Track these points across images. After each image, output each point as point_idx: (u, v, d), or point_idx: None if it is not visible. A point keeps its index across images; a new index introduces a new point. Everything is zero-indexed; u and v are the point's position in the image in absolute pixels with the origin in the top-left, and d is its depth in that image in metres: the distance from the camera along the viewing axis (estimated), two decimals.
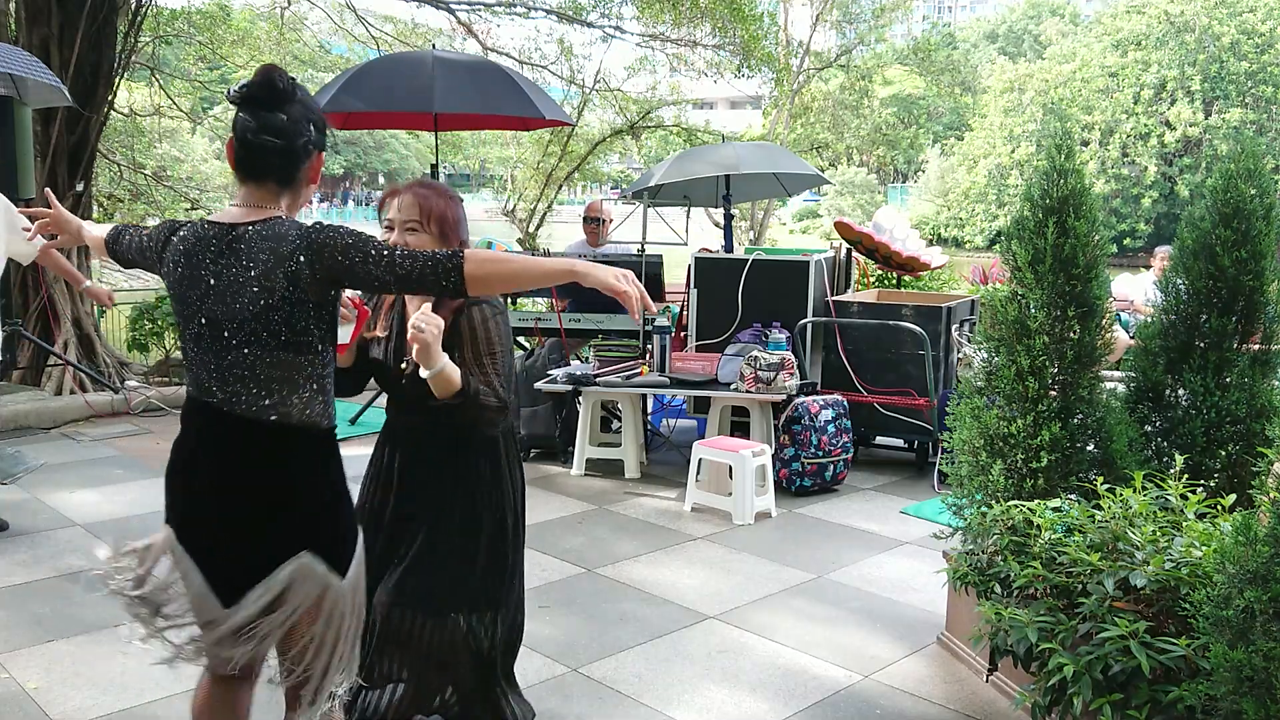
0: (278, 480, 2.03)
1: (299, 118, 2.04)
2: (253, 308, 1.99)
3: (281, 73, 2.03)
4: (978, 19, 65.48)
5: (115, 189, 14.55)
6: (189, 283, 2.04)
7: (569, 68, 15.36)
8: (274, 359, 2.01)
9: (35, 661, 3.38)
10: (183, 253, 2.06)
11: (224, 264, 2.01)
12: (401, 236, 2.56)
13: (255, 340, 2.00)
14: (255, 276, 1.99)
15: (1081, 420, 3.30)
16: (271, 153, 2.03)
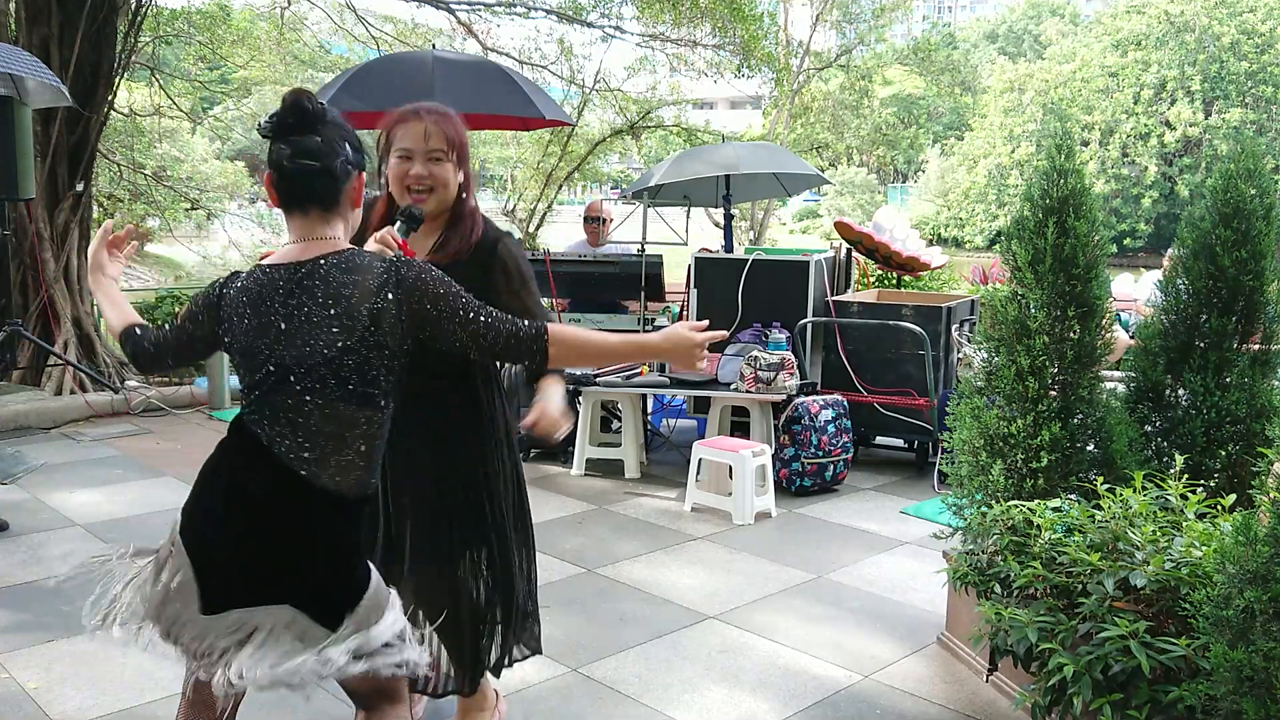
0: (290, 532, 1.94)
1: (333, 138, 1.97)
2: (328, 350, 1.89)
3: (310, 95, 1.98)
4: (978, 19, 65.48)
5: (115, 189, 14.55)
6: (257, 331, 1.92)
7: (569, 68, 15.36)
8: (332, 411, 1.91)
9: (35, 661, 3.38)
10: (247, 302, 1.94)
11: (295, 304, 1.91)
12: (426, 167, 2.45)
13: (321, 387, 1.90)
14: (335, 315, 1.89)
15: (1081, 420, 3.30)
16: (311, 176, 1.95)
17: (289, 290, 1.92)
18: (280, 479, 1.92)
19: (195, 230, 23.83)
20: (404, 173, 2.49)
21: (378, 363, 1.92)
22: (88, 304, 7.93)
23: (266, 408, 1.93)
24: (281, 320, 1.91)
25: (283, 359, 1.91)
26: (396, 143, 2.48)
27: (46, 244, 7.55)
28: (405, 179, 2.49)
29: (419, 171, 2.47)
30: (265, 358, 1.92)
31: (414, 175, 2.47)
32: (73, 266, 7.75)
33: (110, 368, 7.71)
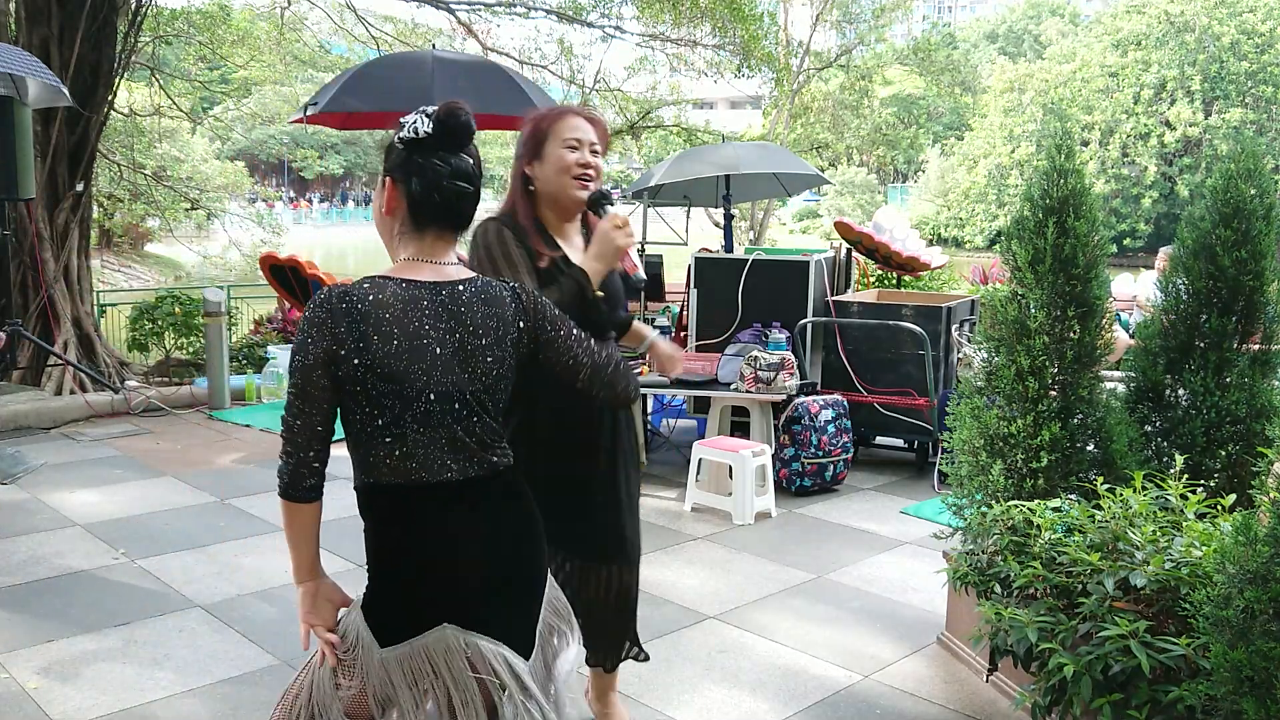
0: (517, 520, 1.94)
1: (478, 159, 1.90)
2: (485, 378, 1.85)
3: (467, 109, 1.86)
4: (978, 19, 65.49)
5: (115, 189, 14.57)
6: (411, 355, 1.77)
7: (569, 68, 15.37)
8: (484, 430, 1.87)
9: (35, 661, 3.38)
10: (392, 320, 1.77)
11: (445, 329, 1.82)
12: (591, 158, 2.56)
13: (484, 410, 1.86)
14: (488, 345, 1.85)
15: (1081, 420, 3.30)
16: (464, 198, 1.86)
17: (435, 313, 1.81)
18: (497, 482, 1.88)
19: (195, 230, 23.86)
20: (574, 160, 2.55)
21: (511, 385, 1.93)
22: (88, 304, 7.93)
23: (425, 440, 1.80)
24: (436, 345, 1.80)
25: (443, 385, 1.80)
26: (561, 133, 2.54)
27: (46, 244, 7.55)
28: (574, 166, 2.55)
29: (590, 160, 2.56)
30: (423, 385, 1.78)
31: (587, 162, 2.56)
32: (73, 266, 7.75)
33: (110, 368, 7.72)
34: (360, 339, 1.74)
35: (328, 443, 1.83)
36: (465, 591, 1.84)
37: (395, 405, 1.77)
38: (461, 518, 1.84)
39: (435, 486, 1.81)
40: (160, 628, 3.67)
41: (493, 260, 2.49)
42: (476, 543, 1.85)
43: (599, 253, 2.49)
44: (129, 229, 20.43)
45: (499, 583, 1.88)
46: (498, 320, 1.87)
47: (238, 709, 3.08)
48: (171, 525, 4.82)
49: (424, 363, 1.78)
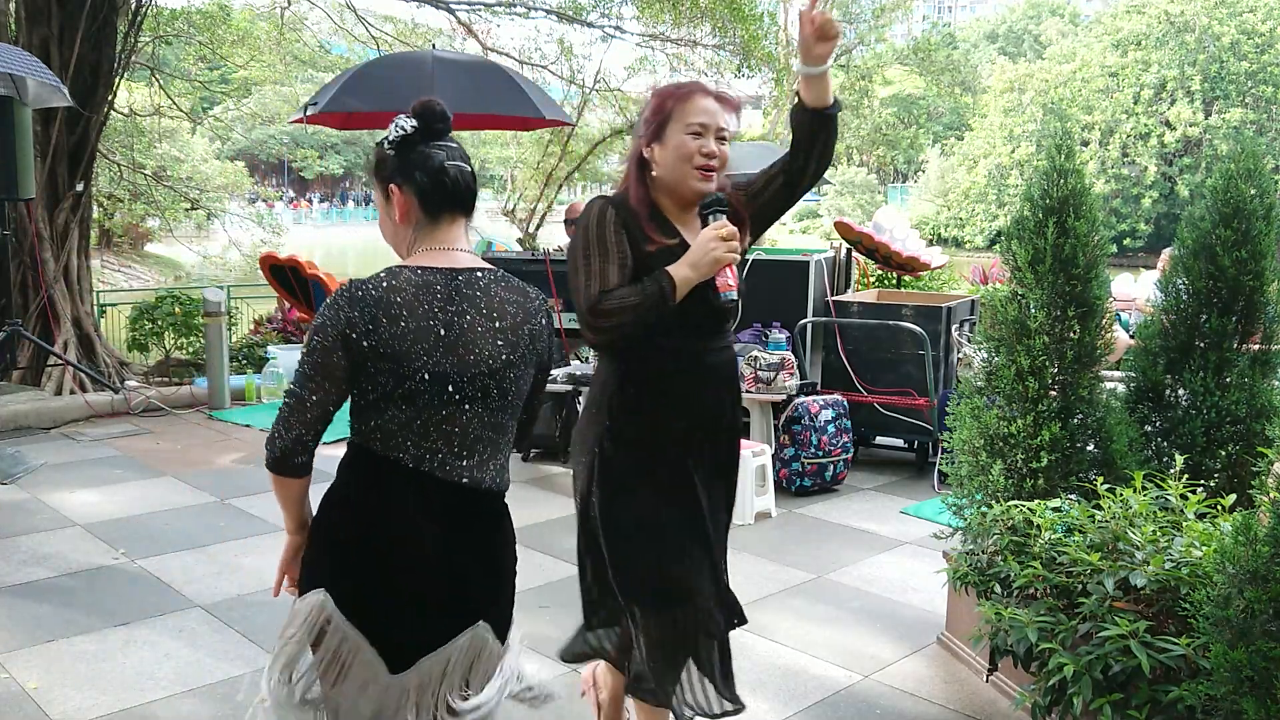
0: (466, 546, 1.90)
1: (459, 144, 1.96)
2: (493, 361, 1.85)
3: (439, 102, 1.91)
4: (978, 19, 65.51)
5: (115, 189, 14.57)
6: (415, 335, 1.79)
7: (569, 68, 15.37)
8: (491, 419, 1.88)
9: (35, 661, 3.38)
10: (402, 304, 1.79)
11: (454, 312, 1.83)
12: (717, 146, 2.30)
13: (483, 397, 1.85)
14: (500, 329, 1.86)
15: (1081, 420, 3.30)
16: (470, 179, 1.91)
17: (447, 296, 1.83)
18: (446, 498, 1.85)
19: (195, 230, 23.86)
20: (697, 149, 2.29)
21: (527, 378, 1.94)
22: (88, 304, 7.93)
23: (420, 425, 1.81)
24: (441, 327, 1.81)
25: (440, 366, 1.81)
26: (685, 116, 2.28)
27: (46, 244, 7.55)
28: (696, 155, 2.29)
29: (715, 149, 2.30)
30: (420, 364, 1.79)
31: (711, 151, 2.30)
32: (73, 266, 7.75)
33: (110, 368, 7.72)
34: (371, 321, 1.77)
35: (326, 425, 1.84)
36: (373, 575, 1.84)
37: (388, 382, 1.80)
38: (399, 508, 1.83)
39: (385, 461, 1.82)
40: (160, 628, 3.67)
41: (585, 241, 2.30)
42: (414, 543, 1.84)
43: (694, 260, 2.25)
44: (129, 229, 20.43)
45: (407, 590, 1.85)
46: (518, 307, 1.89)
47: (238, 709, 3.08)
48: (171, 525, 4.82)
49: (425, 343, 1.80)
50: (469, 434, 1.85)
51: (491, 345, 1.85)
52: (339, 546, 1.86)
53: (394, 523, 1.83)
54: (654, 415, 2.38)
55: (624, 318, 2.24)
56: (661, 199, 2.38)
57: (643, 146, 2.36)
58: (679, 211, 2.39)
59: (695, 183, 2.31)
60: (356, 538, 1.84)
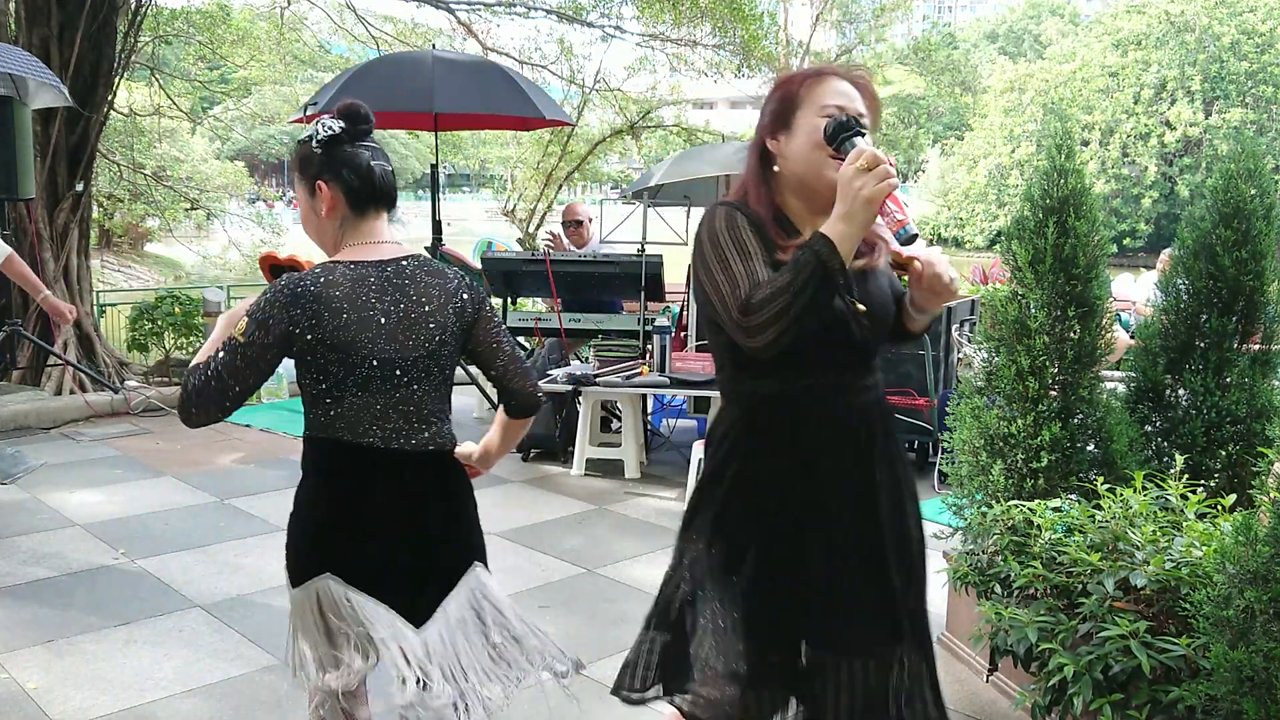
0: (443, 502, 2.10)
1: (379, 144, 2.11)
2: (428, 344, 2.03)
3: (359, 103, 2.06)
4: (978, 19, 65.50)
5: (115, 189, 14.57)
6: (359, 326, 1.95)
7: (569, 68, 15.36)
8: (438, 392, 2.08)
9: (35, 661, 3.38)
10: (342, 297, 1.95)
11: (390, 301, 2.00)
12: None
13: (426, 376, 2.04)
14: (430, 312, 2.04)
15: (1081, 420, 3.30)
16: (391, 176, 2.07)
17: (381, 287, 2.00)
18: (422, 461, 2.05)
19: (195, 230, 23.85)
20: None
21: (458, 353, 2.12)
22: (88, 304, 7.93)
23: (377, 407, 1.99)
24: (381, 316, 1.98)
25: (386, 353, 1.98)
26: (819, 99, 1.93)
27: (46, 244, 7.55)
28: None
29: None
30: (367, 353, 1.96)
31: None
32: (73, 266, 7.75)
33: (110, 368, 7.72)
34: (313, 316, 1.92)
35: (241, 398, 1.95)
36: (368, 552, 2.00)
37: (339, 371, 1.96)
38: (381, 484, 2.01)
39: (360, 450, 1.99)
40: (160, 628, 3.67)
41: (716, 249, 1.90)
42: (392, 509, 2.01)
43: (844, 211, 1.78)
44: (129, 229, 20.43)
45: (404, 552, 2.03)
46: (440, 289, 2.06)
47: (238, 709, 3.08)
48: (171, 525, 4.82)
49: (370, 332, 1.96)
50: (424, 409, 2.05)
51: (425, 329, 2.03)
52: (332, 532, 2.01)
53: (378, 498, 2.00)
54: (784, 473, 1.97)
55: (781, 302, 1.77)
56: (789, 200, 1.99)
57: (765, 139, 1.99)
58: (810, 215, 1.97)
59: (832, 172, 1.88)
60: (347, 521, 2.00)
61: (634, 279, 6.17)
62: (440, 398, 2.10)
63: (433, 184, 7.53)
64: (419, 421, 2.04)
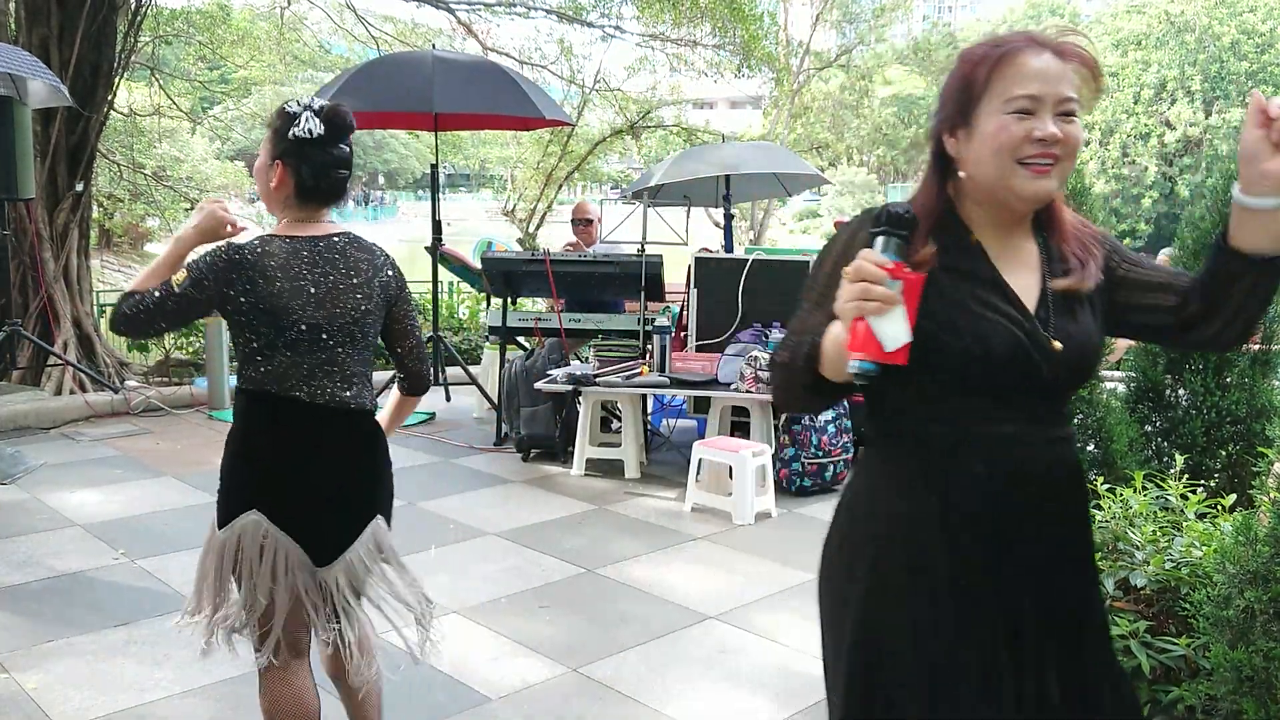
0: (355, 455, 2.31)
1: (352, 149, 2.30)
2: (354, 312, 2.25)
3: (347, 110, 2.26)
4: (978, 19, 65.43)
5: (115, 189, 14.56)
6: (290, 293, 2.18)
7: (569, 68, 15.38)
8: (361, 356, 2.31)
9: (35, 661, 3.38)
10: (276, 267, 2.17)
11: (321, 273, 2.22)
12: (1057, 127, 1.47)
13: (350, 341, 2.26)
14: (358, 284, 2.26)
15: (1081, 420, 3.30)
16: (344, 182, 2.29)
17: (313, 260, 2.22)
18: (342, 417, 2.26)
19: None
20: (1025, 134, 1.47)
21: (380, 322, 2.33)
22: (88, 304, 7.93)
23: (305, 367, 2.21)
24: (311, 285, 2.20)
25: (314, 319, 2.20)
26: (1006, 88, 1.49)
27: (46, 244, 7.55)
28: (1023, 144, 1.47)
29: (1054, 130, 1.47)
30: (296, 317, 2.18)
31: (1048, 135, 1.47)
32: (73, 266, 7.76)
33: (110, 368, 7.72)
34: (249, 282, 2.15)
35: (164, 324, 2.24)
36: (286, 492, 2.23)
37: (270, 333, 2.18)
38: (305, 435, 2.23)
39: (288, 402, 2.21)
40: (160, 628, 3.67)
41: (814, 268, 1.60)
42: (313, 457, 2.24)
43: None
44: (129, 229, 20.43)
45: (320, 498, 2.25)
46: (368, 264, 2.29)
47: (238, 709, 3.08)
48: (171, 525, 4.82)
49: (300, 300, 2.18)
50: (347, 370, 2.26)
51: (352, 298, 2.24)
52: (256, 474, 2.25)
53: (300, 447, 2.24)
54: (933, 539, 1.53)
55: (775, 378, 1.58)
56: (970, 209, 1.57)
57: (943, 134, 1.55)
58: (994, 227, 1.56)
59: (1024, 184, 1.48)
60: (270, 466, 2.24)
61: (634, 279, 6.18)
62: (362, 361, 2.31)
63: (433, 184, 7.53)
64: (342, 381, 2.25)
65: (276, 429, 2.23)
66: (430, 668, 3.38)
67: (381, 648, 3.55)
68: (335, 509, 2.28)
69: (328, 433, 2.25)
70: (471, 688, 3.25)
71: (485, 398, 7.12)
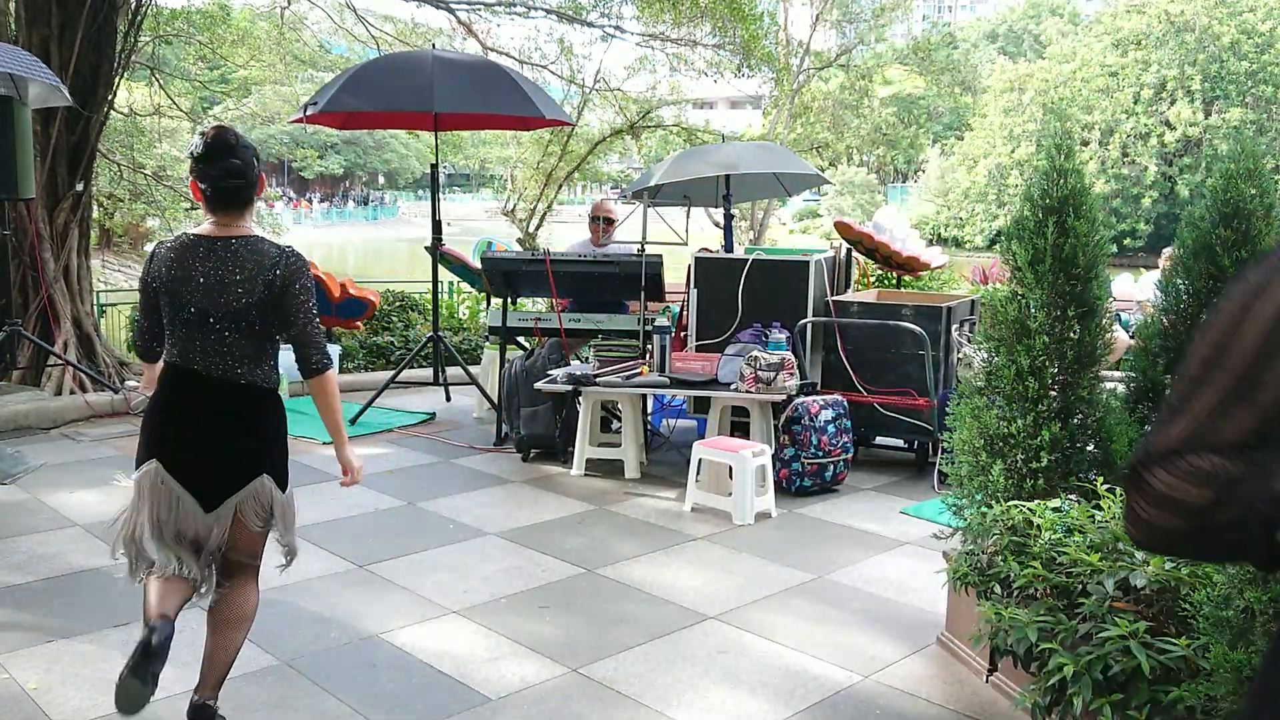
0: (242, 422, 2.76)
1: (249, 159, 2.74)
2: (236, 304, 2.67)
3: (232, 130, 2.76)
4: (978, 19, 65.47)
5: (115, 189, 14.55)
6: (180, 280, 2.68)
7: (569, 67, 15.36)
8: (248, 342, 2.71)
9: (35, 661, 3.38)
10: (173, 258, 2.71)
11: (211, 267, 2.68)
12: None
13: (235, 327, 2.69)
14: (240, 280, 2.68)
15: (1081, 420, 3.30)
16: (238, 189, 2.72)
17: (206, 255, 2.70)
18: (233, 390, 2.73)
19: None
20: None
21: (270, 314, 2.71)
22: (88, 304, 7.93)
23: (198, 343, 2.70)
24: (200, 276, 2.68)
25: (202, 305, 2.68)
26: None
27: (46, 244, 7.55)
28: None
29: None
30: (186, 301, 2.68)
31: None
32: (72, 266, 7.75)
33: (110, 368, 7.71)
34: (156, 271, 2.73)
35: (160, 333, 2.80)
36: (181, 446, 2.72)
37: (170, 312, 2.72)
38: (197, 399, 2.73)
39: (185, 372, 2.73)
40: None
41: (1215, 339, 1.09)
42: (200, 419, 2.73)
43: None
44: (129, 229, 20.42)
45: (208, 454, 2.72)
46: (255, 265, 2.69)
47: (238, 709, 3.07)
48: None
49: (188, 287, 2.68)
50: (236, 351, 2.71)
51: (234, 292, 2.67)
52: (159, 430, 2.76)
53: (196, 411, 2.74)
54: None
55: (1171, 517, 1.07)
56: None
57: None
58: None
59: None
60: (172, 423, 2.76)
61: (634, 279, 6.17)
62: (253, 346, 2.72)
63: (432, 184, 7.53)
64: (232, 360, 2.71)
65: (179, 395, 2.76)
66: (430, 668, 3.39)
67: (385, 646, 3.56)
68: (222, 465, 2.73)
69: (219, 401, 2.72)
70: (471, 688, 3.25)
71: (485, 398, 7.12)
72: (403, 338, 9.17)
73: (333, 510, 4.99)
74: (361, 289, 8.85)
